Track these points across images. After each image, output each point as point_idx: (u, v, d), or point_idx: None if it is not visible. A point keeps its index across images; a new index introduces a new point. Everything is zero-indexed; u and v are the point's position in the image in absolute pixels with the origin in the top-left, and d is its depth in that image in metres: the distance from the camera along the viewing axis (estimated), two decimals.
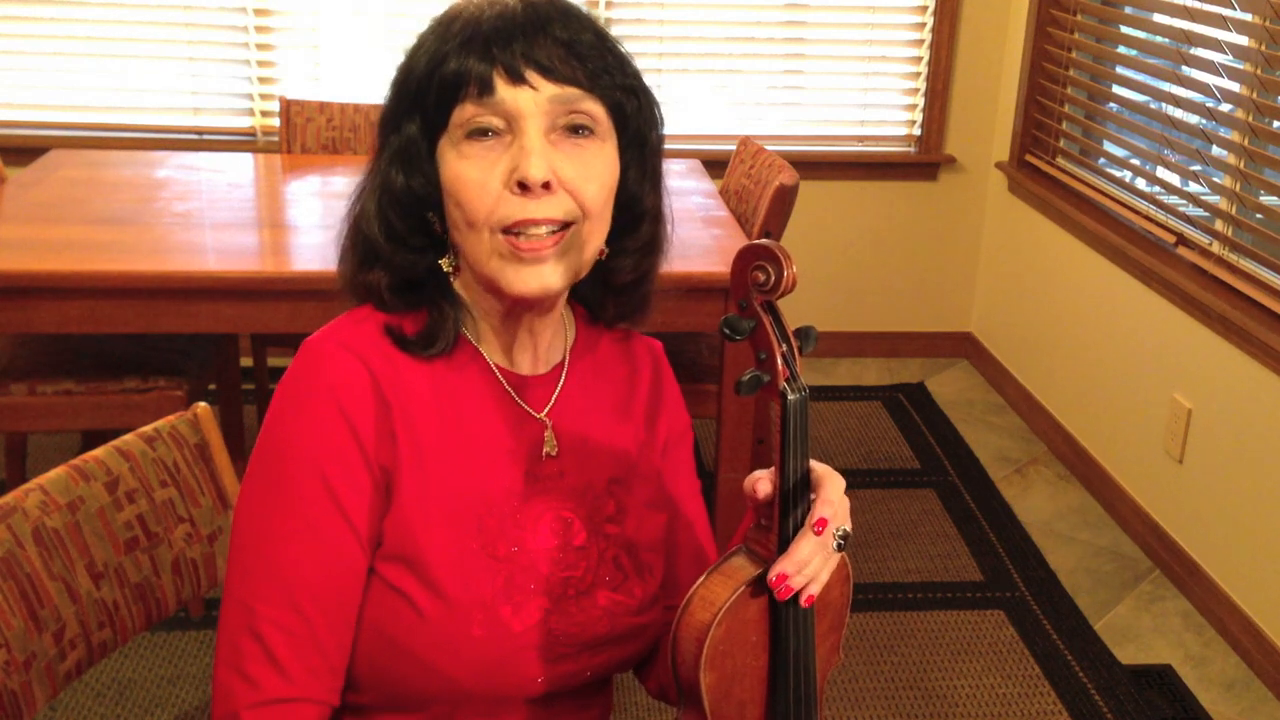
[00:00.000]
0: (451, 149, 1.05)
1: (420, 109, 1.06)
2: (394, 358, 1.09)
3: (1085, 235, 3.43)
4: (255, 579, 1.05)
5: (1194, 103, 2.98)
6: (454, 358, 1.12)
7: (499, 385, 1.14)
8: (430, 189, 1.07)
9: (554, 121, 1.04)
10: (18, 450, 2.80)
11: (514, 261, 1.05)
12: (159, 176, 2.96)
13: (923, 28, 3.97)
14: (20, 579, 1.21)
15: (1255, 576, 2.68)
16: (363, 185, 1.12)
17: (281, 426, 1.07)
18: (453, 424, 1.10)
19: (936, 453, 3.56)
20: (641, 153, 1.12)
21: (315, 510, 1.04)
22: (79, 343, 2.65)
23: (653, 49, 3.92)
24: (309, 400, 1.06)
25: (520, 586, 1.09)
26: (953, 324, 4.30)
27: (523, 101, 1.02)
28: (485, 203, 1.03)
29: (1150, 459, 3.10)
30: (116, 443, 1.34)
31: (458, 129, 1.04)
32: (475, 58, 1.02)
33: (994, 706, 2.48)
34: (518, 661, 1.08)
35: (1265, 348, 2.60)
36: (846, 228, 4.13)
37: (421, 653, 1.05)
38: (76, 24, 3.69)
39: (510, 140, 1.03)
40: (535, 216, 1.03)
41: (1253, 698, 2.57)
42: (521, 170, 1.02)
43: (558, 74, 1.03)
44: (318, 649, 1.05)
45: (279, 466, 1.06)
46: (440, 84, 1.04)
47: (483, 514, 1.10)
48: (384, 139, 1.10)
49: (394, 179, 1.08)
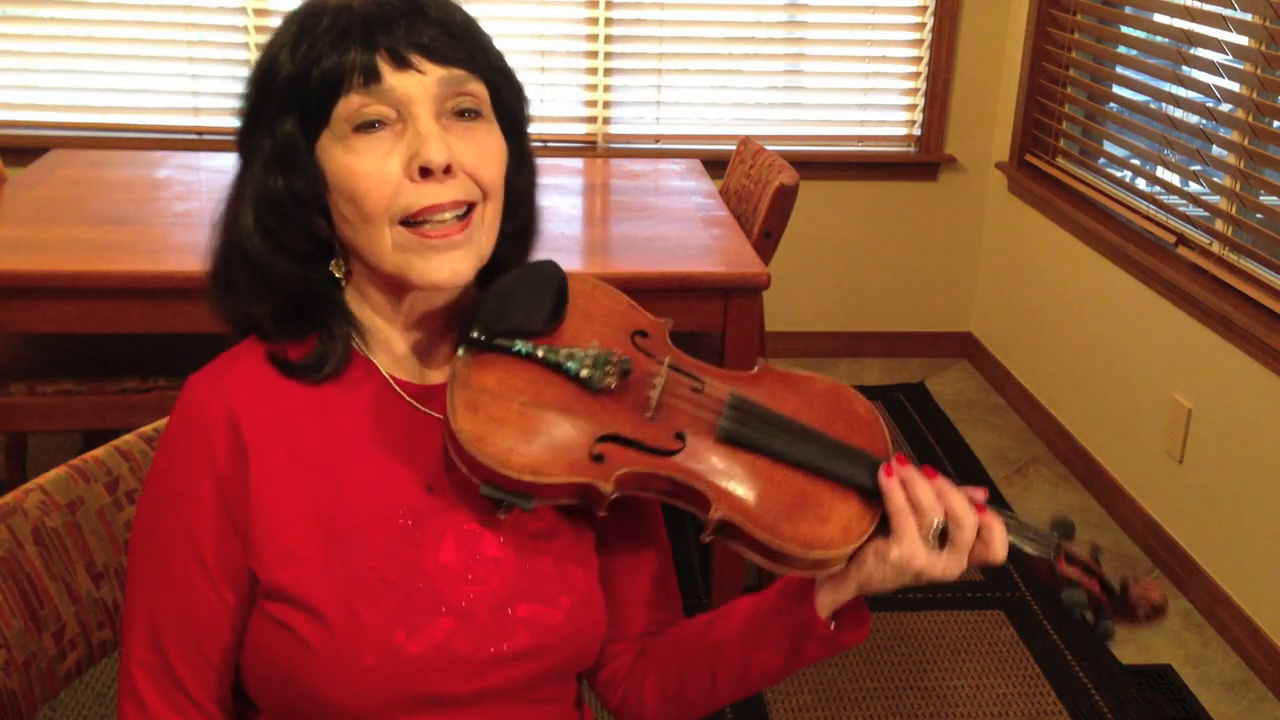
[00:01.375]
0: (337, 144, 1.01)
1: (295, 107, 1.01)
2: (277, 386, 1.06)
3: (1085, 235, 3.43)
4: (131, 616, 1.07)
5: (1194, 103, 2.98)
6: (346, 376, 1.08)
7: (396, 398, 1.09)
8: (314, 188, 1.03)
9: (442, 105, 1.01)
10: (18, 450, 2.80)
11: (420, 252, 1.01)
12: (159, 176, 2.96)
13: (923, 28, 3.97)
14: (20, 579, 1.21)
15: (1255, 576, 2.68)
16: (231, 201, 1.07)
17: (155, 468, 1.08)
18: (343, 446, 1.06)
19: (936, 453, 3.56)
20: (518, 136, 1.10)
21: (173, 555, 1.05)
22: (79, 343, 2.65)
23: (653, 49, 3.92)
24: (173, 442, 1.06)
25: (416, 608, 1.04)
26: (953, 324, 4.30)
27: (411, 87, 0.99)
28: (384, 194, 1.00)
29: (1150, 459, 3.10)
30: (116, 443, 1.34)
31: (343, 123, 1.00)
32: (357, 47, 0.99)
33: (994, 706, 2.48)
34: (418, 685, 1.03)
35: (1265, 348, 2.60)
36: (846, 228, 4.13)
37: (314, 685, 1.02)
38: (76, 24, 3.69)
39: (401, 129, 1.00)
40: (440, 201, 1.00)
41: (1253, 698, 2.57)
42: (423, 155, 0.99)
43: (441, 55, 1.00)
44: (178, 688, 1.05)
45: (148, 508, 1.07)
46: (319, 78, 0.99)
47: (370, 536, 1.04)
48: (252, 144, 1.05)
49: (272, 184, 1.03)
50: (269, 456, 1.04)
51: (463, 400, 1.03)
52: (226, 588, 1.05)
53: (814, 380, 1.13)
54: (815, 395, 1.11)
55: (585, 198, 3.11)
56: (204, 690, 1.06)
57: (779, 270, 2.73)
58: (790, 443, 1.05)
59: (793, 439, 1.05)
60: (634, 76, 3.95)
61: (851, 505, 1.03)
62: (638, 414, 1.05)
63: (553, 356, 1.06)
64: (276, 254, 1.05)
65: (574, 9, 3.85)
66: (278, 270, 1.05)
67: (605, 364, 1.06)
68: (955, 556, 1.01)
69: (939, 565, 1.01)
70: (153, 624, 1.06)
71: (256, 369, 1.07)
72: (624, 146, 4.00)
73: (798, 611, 1.06)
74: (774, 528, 1.01)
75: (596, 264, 2.54)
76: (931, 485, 1.02)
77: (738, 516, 1.01)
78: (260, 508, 1.03)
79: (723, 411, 1.06)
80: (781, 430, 1.05)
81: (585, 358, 1.06)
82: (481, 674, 1.06)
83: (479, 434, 1.01)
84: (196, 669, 1.06)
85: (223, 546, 1.04)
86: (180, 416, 1.06)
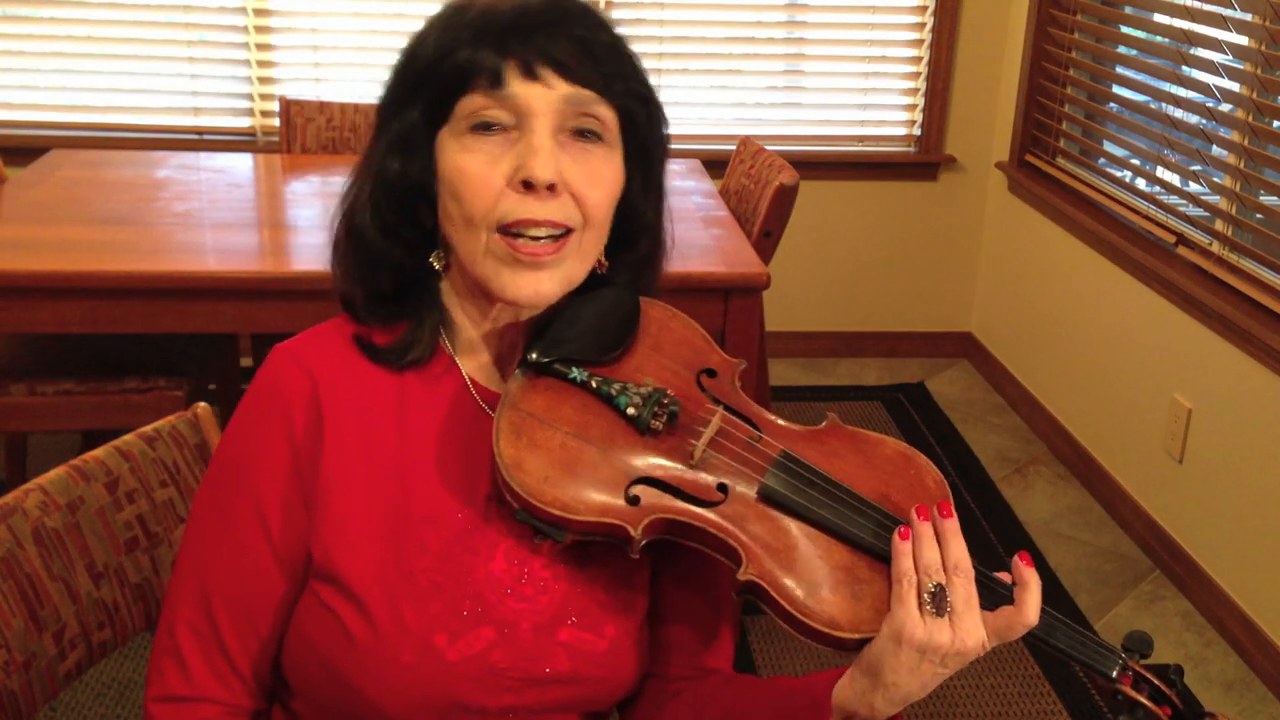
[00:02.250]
0: (454, 140, 1.01)
1: (424, 96, 1.02)
2: (358, 369, 1.07)
3: (1085, 235, 3.43)
4: (182, 577, 1.08)
5: (1194, 103, 2.98)
6: (428, 369, 1.08)
7: (473, 401, 1.09)
8: (427, 177, 1.03)
9: (563, 122, 1.00)
10: (18, 450, 2.80)
11: (510, 264, 1.01)
12: (159, 176, 2.96)
13: (923, 28, 3.97)
14: (20, 579, 1.21)
15: (1255, 576, 2.68)
16: (357, 173, 1.08)
17: (229, 432, 1.08)
18: (413, 440, 1.06)
19: (936, 453, 3.56)
20: (647, 164, 1.09)
21: (239, 520, 1.05)
22: (79, 343, 2.65)
23: (653, 49, 3.92)
24: (252, 409, 1.07)
25: (460, 615, 1.03)
26: (953, 324, 4.30)
27: (534, 98, 0.99)
28: (486, 199, 0.99)
29: (1150, 459, 3.10)
30: (116, 443, 1.34)
31: (462, 120, 1.00)
32: (489, 49, 0.99)
33: (994, 706, 2.48)
34: (451, 692, 1.02)
35: (1265, 348, 2.60)
36: (846, 228, 4.13)
37: (349, 675, 1.02)
38: (76, 24, 3.69)
39: (517, 137, 1.00)
40: (536, 217, 0.99)
41: (1253, 698, 2.57)
42: (528, 168, 0.98)
43: (573, 74, 0.99)
44: (223, 653, 1.06)
45: (218, 472, 1.08)
46: (449, 72, 1.00)
47: (426, 535, 1.04)
48: (382, 125, 1.05)
49: (389, 166, 1.04)
50: (343, 436, 1.05)
51: (508, 422, 1.01)
52: (285, 560, 1.05)
53: (883, 444, 1.07)
54: (880, 460, 1.05)
55: None
56: (247, 659, 1.06)
57: (779, 270, 2.73)
58: (835, 511, 0.99)
59: (838, 506, 1.00)
60: None
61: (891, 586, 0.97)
62: (683, 459, 1.02)
63: (605, 389, 1.04)
64: (383, 234, 1.06)
65: None
66: (381, 250, 1.06)
67: (655, 404, 1.02)
68: (963, 620, 0.94)
69: (943, 635, 0.93)
70: (205, 586, 1.06)
71: (341, 347, 1.08)
72: None
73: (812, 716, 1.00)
74: (803, 601, 0.96)
75: None
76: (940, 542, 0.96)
77: (765, 582, 0.97)
78: (328, 487, 1.04)
79: (768, 469, 1.02)
80: (827, 496, 1.00)
81: (636, 395, 1.03)
82: (515, 691, 1.04)
83: (518, 460, 0.99)
84: (243, 637, 1.06)
85: (289, 517, 1.04)
86: (262, 383, 1.07)
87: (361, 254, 1.07)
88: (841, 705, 0.98)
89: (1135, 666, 0.98)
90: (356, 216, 1.06)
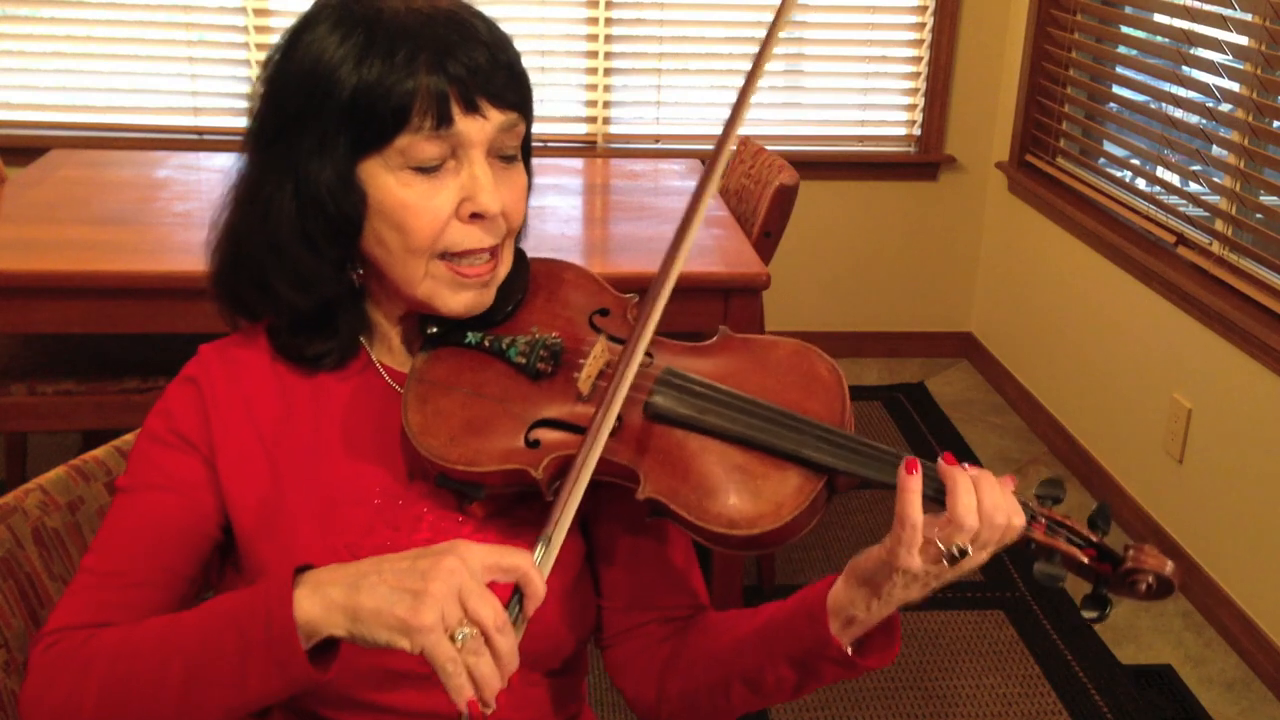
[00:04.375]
0: (388, 173, 1.00)
1: (353, 128, 0.99)
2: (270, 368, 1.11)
3: (1085, 235, 3.43)
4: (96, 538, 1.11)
5: (1194, 103, 2.98)
6: (345, 367, 1.12)
7: (385, 385, 1.12)
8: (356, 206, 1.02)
9: (493, 148, 1.03)
10: (18, 450, 2.80)
11: (452, 285, 1.05)
12: (159, 176, 2.96)
13: (923, 28, 3.97)
14: (20, 579, 1.21)
15: (1255, 576, 2.68)
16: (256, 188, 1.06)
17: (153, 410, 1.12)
18: (331, 429, 1.10)
19: (936, 453, 3.55)
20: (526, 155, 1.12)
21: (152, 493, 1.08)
22: (79, 343, 2.65)
23: (653, 49, 3.92)
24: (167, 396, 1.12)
25: None
26: (953, 324, 4.31)
27: (474, 131, 1.00)
28: (431, 231, 1.01)
29: (1150, 459, 3.10)
30: (116, 443, 1.34)
31: (399, 155, 1.00)
32: (427, 79, 0.97)
33: (994, 706, 2.48)
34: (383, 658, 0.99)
35: (1265, 348, 2.60)
36: (846, 228, 4.13)
37: None
38: (76, 24, 3.69)
39: (455, 167, 1.01)
40: (483, 245, 1.04)
41: (1253, 698, 2.57)
42: (480, 203, 1.01)
43: (504, 100, 1.01)
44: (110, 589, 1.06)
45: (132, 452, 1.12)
46: (384, 107, 0.97)
47: (350, 516, 1.07)
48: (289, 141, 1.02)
49: (315, 185, 1.02)
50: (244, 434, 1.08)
51: (414, 394, 1.05)
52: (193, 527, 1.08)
53: (776, 345, 1.09)
54: (774, 361, 1.07)
55: (585, 198, 3.11)
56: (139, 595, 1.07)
57: (779, 270, 2.73)
58: (721, 415, 1.01)
59: (725, 410, 1.01)
60: (634, 76, 3.95)
61: (790, 479, 0.98)
62: (575, 396, 1.04)
63: (497, 345, 1.07)
64: (312, 254, 1.05)
65: (574, 9, 3.85)
66: (311, 269, 1.06)
67: (540, 348, 1.06)
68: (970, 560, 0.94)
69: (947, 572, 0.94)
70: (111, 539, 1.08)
71: (256, 350, 1.12)
72: (624, 146, 4.00)
73: (812, 630, 1.01)
74: (700, 506, 0.97)
75: (596, 264, 2.54)
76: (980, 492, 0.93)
77: (664, 497, 0.98)
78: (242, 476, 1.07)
79: (652, 387, 1.03)
80: (713, 403, 1.02)
81: (522, 343, 1.07)
82: None
83: (425, 426, 1.03)
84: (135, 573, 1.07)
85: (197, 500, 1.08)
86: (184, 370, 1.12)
87: (286, 273, 1.06)
88: (838, 610, 0.99)
89: (1044, 512, 0.98)
90: (276, 236, 1.05)
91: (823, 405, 1.02)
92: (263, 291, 1.08)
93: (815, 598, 1.01)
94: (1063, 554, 0.96)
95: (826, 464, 0.97)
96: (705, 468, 0.99)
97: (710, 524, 0.96)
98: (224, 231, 1.10)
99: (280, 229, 1.05)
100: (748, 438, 0.99)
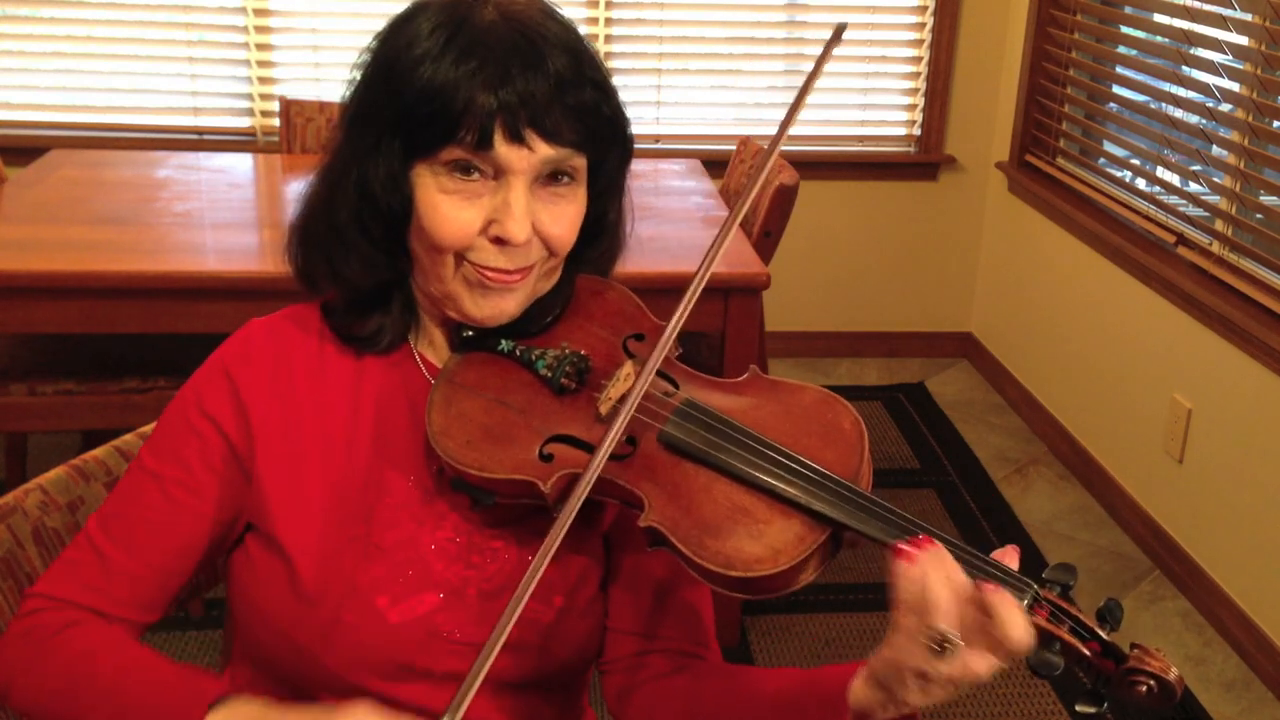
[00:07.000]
0: (431, 176, 1.02)
1: (407, 131, 1.02)
2: (319, 348, 1.12)
3: (1085, 235, 3.43)
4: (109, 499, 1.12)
5: (1194, 103, 2.98)
6: (389, 354, 1.13)
7: (425, 379, 1.13)
8: (404, 202, 1.04)
9: (539, 174, 1.02)
10: (18, 450, 2.80)
11: (477, 288, 1.05)
12: (159, 176, 2.96)
13: (923, 28, 3.97)
14: (20, 579, 1.22)
15: (1255, 576, 2.68)
16: (330, 174, 1.08)
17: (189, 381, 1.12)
18: (368, 416, 1.10)
19: (936, 453, 3.56)
20: (613, 172, 1.11)
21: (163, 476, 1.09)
22: (79, 343, 2.65)
23: (653, 49, 3.92)
24: (214, 365, 1.11)
25: (404, 578, 1.06)
26: (953, 324, 4.31)
27: (516, 160, 1.00)
28: (457, 241, 1.02)
29: (1150, 459, 3.10)
30: (116, 443, 1.34)
31: (443, 162, 1.01)
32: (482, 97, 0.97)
33: (994, 706, 2.48)
34: (395, 654, 1.05)
35: (1265, 348, 2.60)
36: (846, 228, 4.13)
37: (294, 634, 1.05)
38: (76, 24, 3.69)
39: (494, 185, 1.01)
40: (507, 268, 1.03)
41: (1253, 698, 2.57)
42: (504, 228, 1.01)
43: (559, 138, 1.00)
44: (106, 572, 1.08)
45: (166, 414, 1.12)
46: (439, 117, 0.99)
47: (374, 505, 1.08)
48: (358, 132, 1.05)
49: (371, 178, 1.04)
50: (286, 411, 1.09)
51: (441, 395, 1.07)
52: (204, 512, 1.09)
53: (802, 391, 1.07)
54: (797, 406, 1.05)
55: None
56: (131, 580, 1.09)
57: (779, 270, 2.73)
58: (732, 454, 0.99)
59: (737, 450, 0.99)
60: (634, 76, 3.95)
61: (793, 526, 0.95)
62: (594, 415, 1.05)
63: (527, 355, 1.08)
64: (369, 241, 1.07)
65: (574, 9, 3.85)
66: (366, 254, 1.08)
67: (567, 364, 1.07)
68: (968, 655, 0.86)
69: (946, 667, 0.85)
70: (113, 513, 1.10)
71: (307, 328, 1.13)
72: None
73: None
74: (698, 541, 0.95)
75: None
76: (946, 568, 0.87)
77: (664, 528, 0.96)
78: (264, 450, 1.08)
79: (669, 416, 1.03)
80: (726, 440, 1.00)
81: (551, 357, 1.08)
82: (460, 656, 1.07)
83: (445, 428, 1.04)
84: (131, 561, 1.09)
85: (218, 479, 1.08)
86: (223, 346, 1.12)
87: (343, 254, 1.08)
88: (858, 706, 0.94)
89: (1050, 598, 0.91)
90: (336, 217, 1.07)
91: (838, 457, 1.00)
92: (328, 264, 1.10)
93: (832, 682, 0.96)
94: (1064, 643, 0.90)
95: (831, 517, 0.95)
96: (710, 503, 0.98)
97: (706, 560, 0.95)
98: (303, 200, 1.12)
99: (340, 212, 1.07)
100: (756, 479, 0.98)
